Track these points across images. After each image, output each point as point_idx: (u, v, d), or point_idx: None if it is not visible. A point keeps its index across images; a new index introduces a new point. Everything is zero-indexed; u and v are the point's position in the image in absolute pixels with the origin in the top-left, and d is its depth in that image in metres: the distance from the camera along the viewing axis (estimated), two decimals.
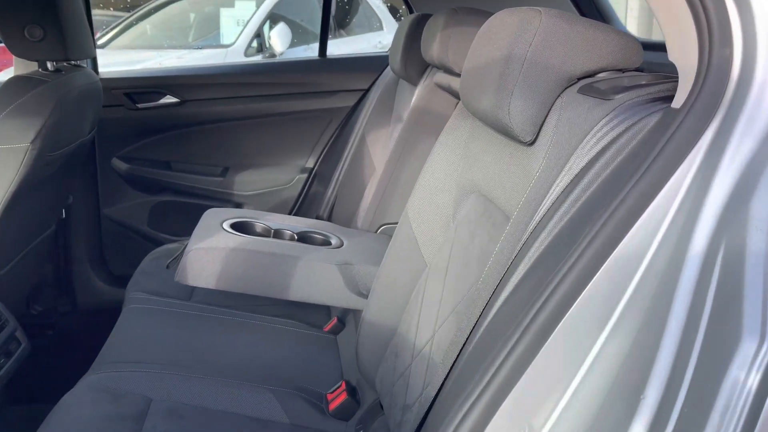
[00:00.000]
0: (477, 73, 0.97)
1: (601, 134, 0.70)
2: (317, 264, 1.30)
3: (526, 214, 0.78)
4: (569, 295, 0.61)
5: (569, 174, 0.71)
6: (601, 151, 0.68)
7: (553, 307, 0.62)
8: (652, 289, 0.60)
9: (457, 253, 1.09)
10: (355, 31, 6.13)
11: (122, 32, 5.28)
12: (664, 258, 0.60)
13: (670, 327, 0.58)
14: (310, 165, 2.27)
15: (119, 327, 1.46)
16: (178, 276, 1.27)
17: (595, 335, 0.60)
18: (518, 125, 0.86)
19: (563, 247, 0.65)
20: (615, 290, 0.61)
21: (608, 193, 0.64)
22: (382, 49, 5.84)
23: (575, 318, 0.61)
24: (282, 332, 1.57)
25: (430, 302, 1.13)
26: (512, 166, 0.94)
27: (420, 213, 1.24)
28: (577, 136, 0.75)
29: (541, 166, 0.79)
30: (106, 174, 2.17)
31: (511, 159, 0.95)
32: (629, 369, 0.60)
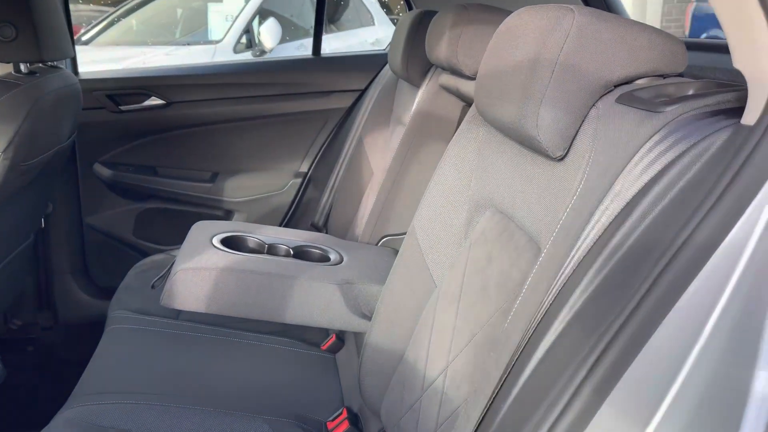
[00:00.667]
0: (497, 78, 0.87)
1: (655, 154, 0.60)
2: (316, 284, 1.20)
3: (563, 244, 0.68)
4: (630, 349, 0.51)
5: (617, 201, 0.61)
6: (657, 176, 0.58)
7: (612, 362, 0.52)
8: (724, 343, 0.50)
9: (472, 276, 0.99)
10: (346, 26, 6.03)
11: (107, 28, 5.16)
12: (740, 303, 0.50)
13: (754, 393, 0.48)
14: (304, 170, 2.16)
15: (100, 351, 1.34)
16: (164, 299, 1.16)
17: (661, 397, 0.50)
18: (548, 138, 0.76)
19: (617, 290, 0.55)
20: (682, 344, 0.51)
21: (669, 226, 0.54)
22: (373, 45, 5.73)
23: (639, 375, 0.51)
24: (277, 352, 1.46)
25: (441, 328, 1.03)
26: (538, 183, 0.84)
27: (428, 228, 1.13)
28: (623, 155, 0.64)
29: (580, 188, 0.69)
30: (88, 180, 2.04)
31: (535, 174, 0.85)
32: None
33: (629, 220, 0.58)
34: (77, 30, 5.29)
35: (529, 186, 0.87)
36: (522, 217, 0.88)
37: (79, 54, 2.02)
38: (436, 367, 1.01)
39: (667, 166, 0.58)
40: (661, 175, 0.58)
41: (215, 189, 2.10)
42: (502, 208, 0.95)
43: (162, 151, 2.08)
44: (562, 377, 0.55)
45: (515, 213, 0.91)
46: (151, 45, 4.99)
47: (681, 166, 0.57)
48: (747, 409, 0.47)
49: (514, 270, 0.87)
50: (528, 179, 0.87)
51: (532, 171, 0.86)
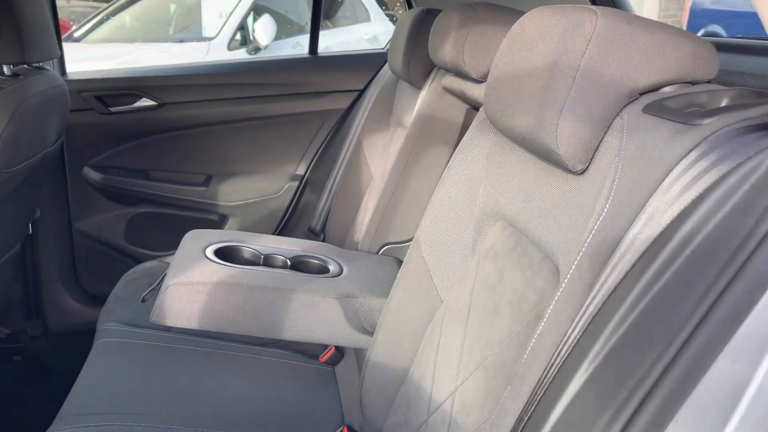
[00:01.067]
0: (510, 84, 0.81)
1: (694, 174, 0.54)
2: (315, 298, 1.14)
3: (590, 269, 0.62)
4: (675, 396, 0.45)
5: (652, 225, 0.55)
6: (699, 199, 0.52)
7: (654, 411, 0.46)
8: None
9: (482, 294, 0.93)
10: (342, 22, 5.97)
11: (99, 24, 5.08)
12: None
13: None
14: (301, 172, 2.10)
15: (88, 368, 1.28)
16: (154, 316, 1.10)
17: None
18: (568, 151, 0.70)
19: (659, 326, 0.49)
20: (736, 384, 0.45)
21: (716, 255, 0.49)
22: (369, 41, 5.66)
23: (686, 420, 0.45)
24: (274, 366, 1.40)
25: (448, 347, 0.97)
26: (555, 197, 0.78)
27: (433, 240, 1.07)
28: (656, 173, 0.58)
29: (606, 208, 0.63)
30: (77, 185, 1.97)
31: (551, 187, 0.79)
32: None
33: (668, 246, 0.52)
34: (69, 27, 5.21)
35: (545, 199, 0.81)
36: (536, 232, 0.82)
37: (70, 51, 1.95)
38: (443, 390, 0.95)
39: (710, 188, 0.52)
40: (703, 198, 0.52)
41: (209, 193, 2.04)
42: (514, 221, 0.90)
43: (154, 154, 2.01)
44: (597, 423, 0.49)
45: (529, 227, 0.85)
46: (144, 42, 4.92)
47: (726, 188, 0.51)
48: None
49: (529, 290, 0.81)
50: (543, 192, 0.81)
51: (549, 183, 0.80)
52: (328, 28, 5.57)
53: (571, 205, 0.74)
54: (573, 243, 0.71)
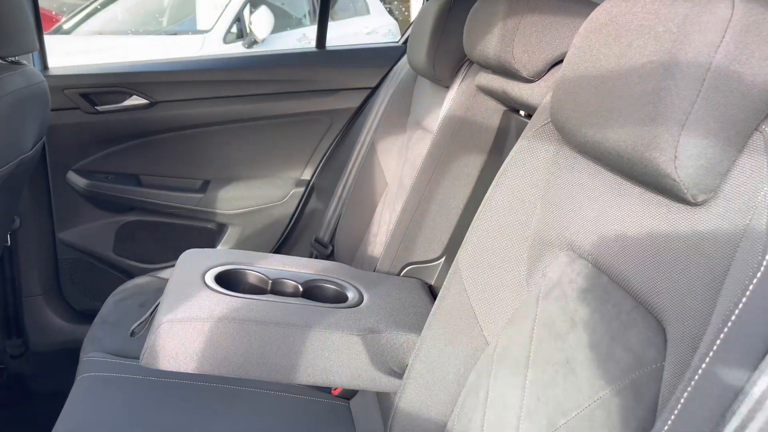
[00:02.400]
0: (594, 87, 0.64)
1: None
2: (334, 335, 0.97)
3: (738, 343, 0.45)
4: None
5: None
6: None
7: None
8: None
9: (547, 342, 0.76)
10: (340, 15, 5.81)
11: (90, 16, 4.90)
12: None
13: None
14: (307, 177, 1.92)
15: (68, 410, 1.11)
16: (144, 359, 0.92)
17: None
18: (691, 177, 0.53)
19: None
20: None
21: None
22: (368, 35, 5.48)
23: None
24: (282, 402, 1.24)
25: (501, 405, 0.80)
26: (657, 234, 0.61)
27: (476, 269, 0.91)
28: None
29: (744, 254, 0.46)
30: (61, 191, 1.80)
31: (651, 219, 0.62)
32: None
33: None
34: (58, 18, 5.02)
35: (639, 232, 0.64)
36: (625, 272, 0.65)
37: (59, 44, 1.78)
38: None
39: None
40: None
41: (206, 200, 1.86)
42: (587, 254, 0.73)
43: (146, 158, 1.84)
44: None
45: (612, 265, 0.68)
46: (136, 34, 4.75)
47: None
48: None
49: (617, 348, 0.64)
50: (636, 221, 0.65)
51: (646, 211, 0.63)
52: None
53: (683, 246, 0.57)
54: (691, 304, 0.54)
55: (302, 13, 5.71)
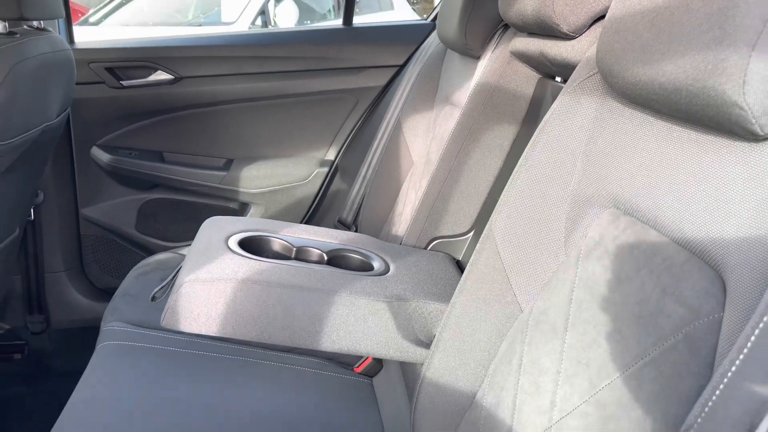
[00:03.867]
0: (647, 21, 0.59)
1: None
2: (361, 301, 0.93)
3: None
4: None
5: None
6: None
7: None
8: None
9: (586, 303, 0.71)
10: (364, 9, 5.82)
11: (117, 9, 4.96)
12: None
13: None
14: (331, 158, 1.89)
15: (88, 376, 1.09)
16: (165, 319, 0.90)
17: None
18: (760, 104, 0.48)
19: None
20: None
21: None
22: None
23: None
24: (304, 377, 1.21)
25: (537, 370, 0.76)
26: (716, 177, 0.57)
27: (512, 233, 0.86)
28: None
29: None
30: (85, 166, 1.79)
31: (709, 164, 0.58)
32: None
33: None
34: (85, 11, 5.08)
35: (694, 178, 0.59)
36: (676, 223, 0.61)
37: (87, 35, 1.77)
38: (530, 423, 0.74)
39: None
40: None
41: (229, 178, 1.84)
42: (633, 208, 0.68)
43: (169, 134, 1.82)
44: None
45: (661, 217, 0.63)
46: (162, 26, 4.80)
47: None
48: None
49: (669, 301, 0.59)
50: (690, 168, 0.60)
51: (703, 159, 0.59)
52: None
53: (746, 188, 0.53)
54: (756, 247, 0.50)
55: (326, 8, 5.72)
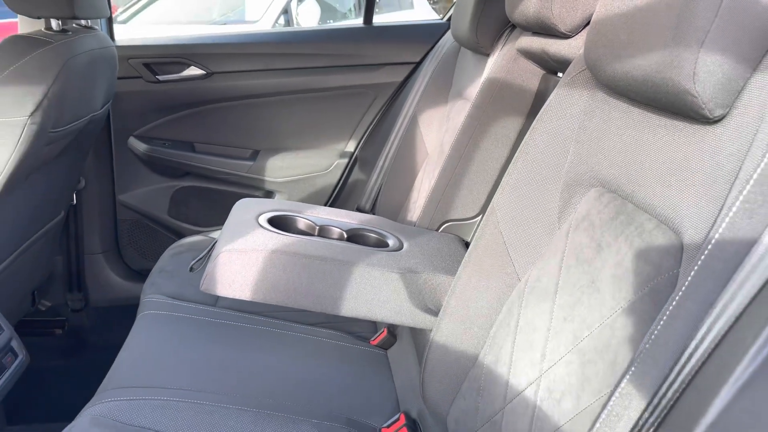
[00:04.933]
0: (624, 22, 0.69)
1: None
2: (375, 272, 1.04)
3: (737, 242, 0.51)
4: None
5: None
6: None
7: None
8: None
9: (573, 269, 0.82)
10: (384, 9, 5.89)
11: (144, 7, 5.09)
12: None
13: None
14: (351, 149, 2.00)
15: (131, 340, 1.21)
16: (204, 284, 1.02)
17: None
18: (708, 91, 0.58)
19: None
20: None
21: None
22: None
23: None
24: (323, 347, 1.32)
25: (530, 329, 0.86)
26: (677, 155, 0.67)
27: (512, 211, 0.97)
28: None
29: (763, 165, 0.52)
30: (122, 155, 1.92)
31: (673, 144, 0.68)
32: None
33: None
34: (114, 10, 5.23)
35: (663, 159, 0.69)
36: (646, 196, 0.71)
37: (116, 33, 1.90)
38: (524, 376, 0.84)
39: None
40: None
41: (256, 168, 1.96)
42: (614, 186, 0.78)
43: (201, 126, 1.95)
44: None
45: (636, 192, 0.73)
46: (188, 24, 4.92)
47: None
48: None
49: (639, 261, 0.70)
50: (660, 150, 0.70)
51: (668, 140, 0.69)
52: None
53: (701, 163, 0.63)
54: (706, 210, 0.60)
55: (348, 6, 5.80)
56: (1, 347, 1.22)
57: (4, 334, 1.24)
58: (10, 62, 1.21)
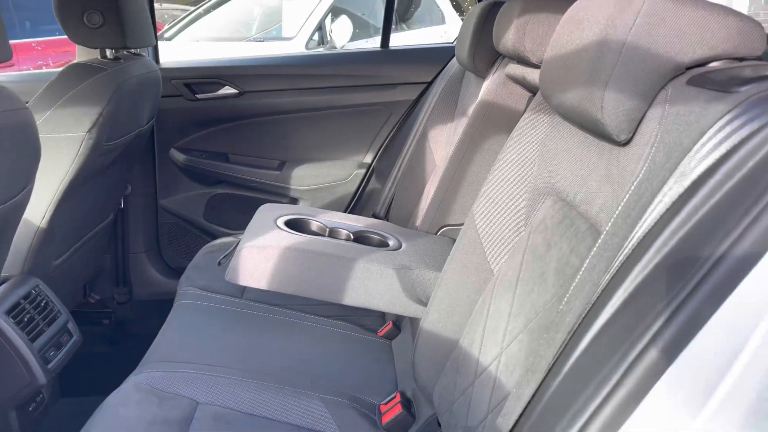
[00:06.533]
0: (562, 62, 0.86)
1: (724, 134, 0.58)
2: (374, 267, 1.22)
3: (623, 226, 0.67)
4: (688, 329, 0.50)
5: (682, 181, 0.59)
6: (726, 155, 0.56)
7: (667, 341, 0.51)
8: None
9: (530, 264, 0.98)
10: (417, 24, 6.06)
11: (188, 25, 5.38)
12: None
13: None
14: (368, 161, 2.19)
15: (169, 324, 1.41)
16: (229, 275, 1.21)
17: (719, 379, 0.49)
18: (612, 121, 0.74)
19: (677, 270, 0.54)
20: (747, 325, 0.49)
21: (735, 207, 0.53)
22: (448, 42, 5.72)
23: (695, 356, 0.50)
24: (334, 335, 1.50)
25: (496, 315, 1.03)
26: (599, 169, 0.83)
27: (488, 216, 1.13)
28: (691, 136, 0.63)
29: (643, 170, 0.68)
30: (164, 164, 2.15)
31: (598, 160, 0.84)
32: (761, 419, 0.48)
33: (693, 200, 0.56)
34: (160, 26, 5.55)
35: (592, 173, 0.85)
36: (583, 203, 0.87)
37: (162, 50, 2.13)
38: (489, 354, 1.00)
39: (736, 146, 0.56)
40: (730, 155, 0.56)
41: (282, 177, 2.17)
42: (564, 195, 0.94)
43: (234, 139, 2.16)
44: (615, 354, 0.54)
45: (577, 200, 0.89)
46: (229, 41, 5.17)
47: (751, 145, 0.55)
48: None
49: (573, 256, 0.85)
50: (591, 166, 0.86)
51: (596, 158, 0.85)
52: (404, 30, 5.68)
53: (614, 175, 0.78)
54: (613, 208, 0.76)
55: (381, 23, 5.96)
56: (59, 328, 1.43)
57: (62, 317, 1.46)
58: (72, 86, 1.44)
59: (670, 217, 0.57)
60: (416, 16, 6.22)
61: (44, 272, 1.49)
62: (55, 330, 1.40)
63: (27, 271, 1.43)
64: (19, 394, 1.31)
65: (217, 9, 5.52)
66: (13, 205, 0.99)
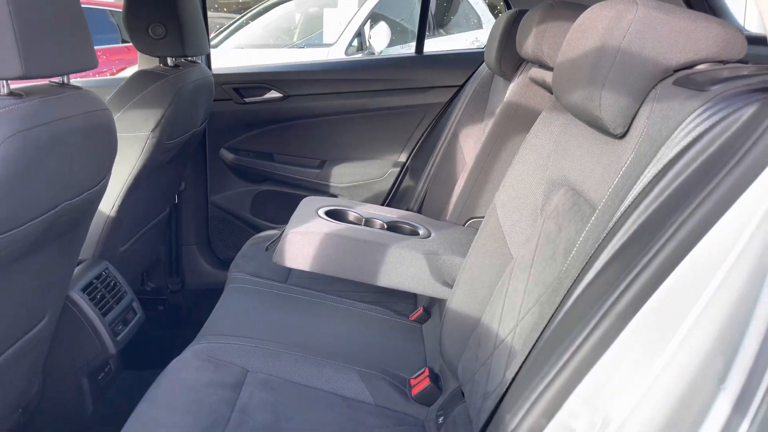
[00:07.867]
0: (569, 65, 0.97)
1: (694, 125, 0.69)
2: (405, 252, 1.35)
3: (612, 205, 0.78)
4: (652, 283, 0.61)
5: (657, 165, 0.71)
6: (692, 142, 0.67)
7: (634, 293, 0.62)
8: (739, 282, 0.59)
9: (543, 246, 1.09)
10: (454, 30, 6.15)
11: (233, 33, 5.60)
12: (752, 252, 0.59)
13: (756, 320, 0.57)
14: (403, 159, 2.32)
15: (222, 303, 1.57)
16: (275, 257, 1.35)
17: (677, 325, 0.60)
18: (609, 117, 0.86)
19: (647, 236, 0.65)
20: (700, 281, 0.60)
21: (696, 184, 0.64)
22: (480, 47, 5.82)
23: (657, 306, 0.61)
24: (370, 318, 1.63)
25: (514, 294, 1.14)
26: (602, 159, 0.94)
27: (508, 206, 1.25)
28: (669, 128, 0.74)
29: (630, 158, 0.79)
30: (215, 163, 2.32)
31: (601, 152, 0.95)
32: (711, 359, 0.59)
33: (665, 178, 0.68)
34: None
35: (596, 163, 0.96)
36: (588, 191, 0.98)
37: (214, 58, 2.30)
38: (506, 327, 1.12)
39: (701, 134, 0.67)
40: (695, 142, 0.67)
41: (322, 175, 2.32)
42: (574, 185, 1.05)
43: (278, 140, 2.33)
44: (594, 306, 0.66)
45: (583, 188, 1.01)
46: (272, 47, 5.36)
47: (713, 134, 0.66)
48: (752, 322, 0.56)
49: (577, 236, 0.97)
50: (595, 157, 0.97)
51: (600, 150, 0.96)
52: (441, 36, 5.80)
53: (612, 164, 0.90)
54: (607, 192, 0.87)
55: None
56: (125, 306, 1.61)
57: (128, 297, 1.63)
58: (138, 91, 1.62)
59: (645, 195, 0.69)
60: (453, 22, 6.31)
61: (112, 257, 1.67)
62: (123, 308, 1.58)
63: (98, 255, 1.61)
64: (92, 363, 1.49)
65: (260, 17, 5.73)
66: (95, 193, 1.16)
